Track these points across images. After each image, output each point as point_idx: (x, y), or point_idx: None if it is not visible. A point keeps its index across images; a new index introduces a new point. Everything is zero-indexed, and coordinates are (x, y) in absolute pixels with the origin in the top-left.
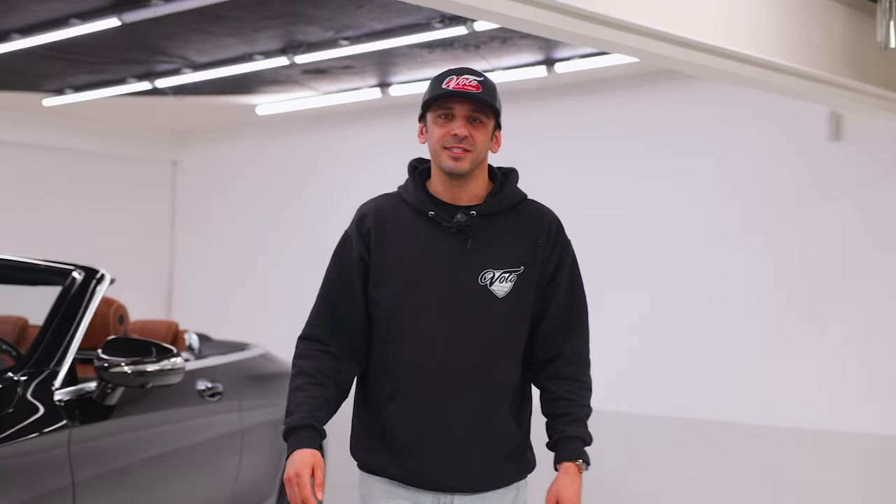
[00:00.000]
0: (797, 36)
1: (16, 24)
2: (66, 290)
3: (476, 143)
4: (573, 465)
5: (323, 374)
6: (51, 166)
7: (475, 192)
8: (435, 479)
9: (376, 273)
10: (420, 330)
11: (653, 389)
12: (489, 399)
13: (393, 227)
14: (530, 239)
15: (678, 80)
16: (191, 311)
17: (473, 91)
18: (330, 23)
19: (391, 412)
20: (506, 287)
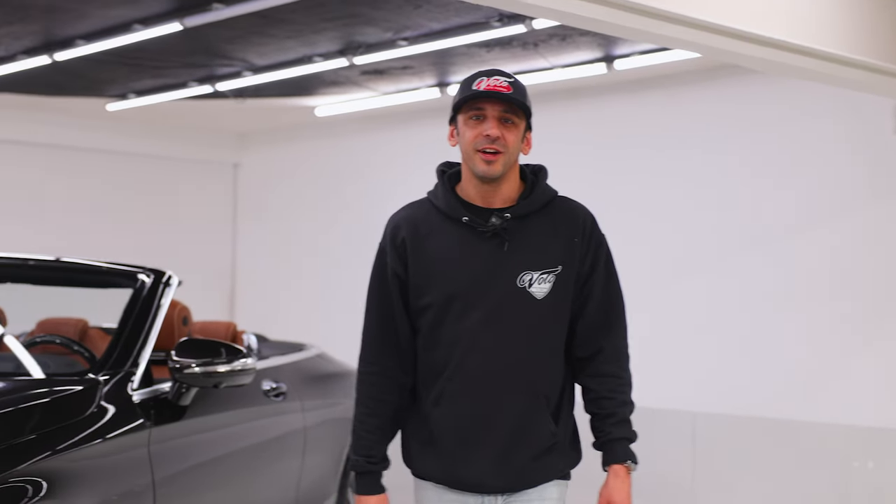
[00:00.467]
0: (862, 27)
1: (80, 31)
2: (137, 293)
3: (508, 144)
4: (622, 468)
5: (377, 400)
6: (114, 170)
7: (507, 195)
8: (476, 482)
9: (417, 286)
10: (462, 336)
11: (715, 387)
12: (532, 400)
13: (427, 235)
14: (566, 237)
15: (740, 76)
16: (253, 311)
17: (505, 91)
18: (388, 23)
19: (436, 417)
20: (545, 288)
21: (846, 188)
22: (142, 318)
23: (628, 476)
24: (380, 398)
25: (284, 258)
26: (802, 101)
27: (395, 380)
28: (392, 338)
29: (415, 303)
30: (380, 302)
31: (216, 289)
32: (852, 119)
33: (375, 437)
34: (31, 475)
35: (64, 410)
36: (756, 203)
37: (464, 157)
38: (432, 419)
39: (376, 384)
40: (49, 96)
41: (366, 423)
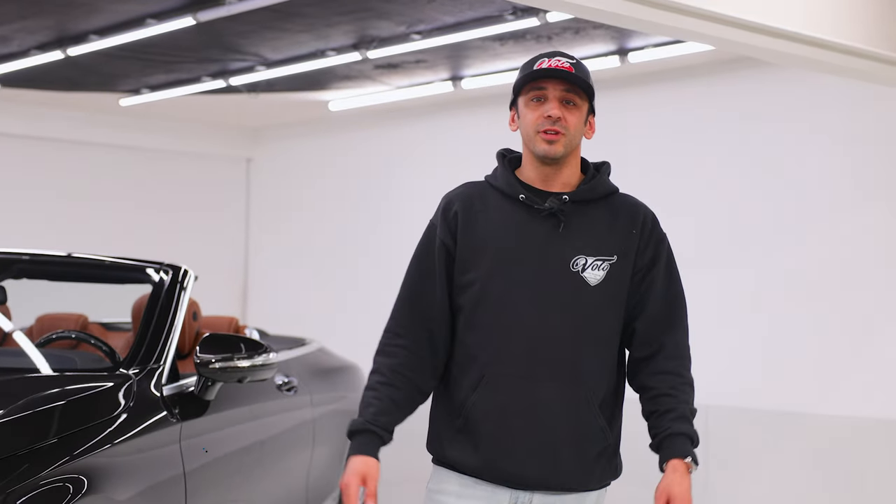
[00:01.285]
0: (875, 19)
1: (93, 26)
2: (157, 289)
3: (570, 125)
4: (682, 463)
5: (397, 372)
6: (127, 165)
7: (567, 180)
8: (516, 473)
9: (462, 259)
10: (507, 316)
11: (727, 380)
12: (577, 391)
13: (481, 210)
14: (624, 229)
15: (753, 68)
16: (266, 306)
17: (566, 71)
18: (402, 17)
19: (474, 401)
20: (599, 275)
21: (861, 180)
22: (164, 314)
23: (688, 474)
24: (400, 371)
25: (297, 253)
26: (816, 92)
27: (421, 358)
28: (426, 314)
29: (459, 278)
30: (421, 276)
31: (228, 284)
32: (867, 110)
33: (385, 406)
34: (73, 472)
35: (101, 406)
36: (770, 195)
37: (524, 139)
38: (469, 405)
39: (399, 356)
40: (62, 91)
41: (378, 391)
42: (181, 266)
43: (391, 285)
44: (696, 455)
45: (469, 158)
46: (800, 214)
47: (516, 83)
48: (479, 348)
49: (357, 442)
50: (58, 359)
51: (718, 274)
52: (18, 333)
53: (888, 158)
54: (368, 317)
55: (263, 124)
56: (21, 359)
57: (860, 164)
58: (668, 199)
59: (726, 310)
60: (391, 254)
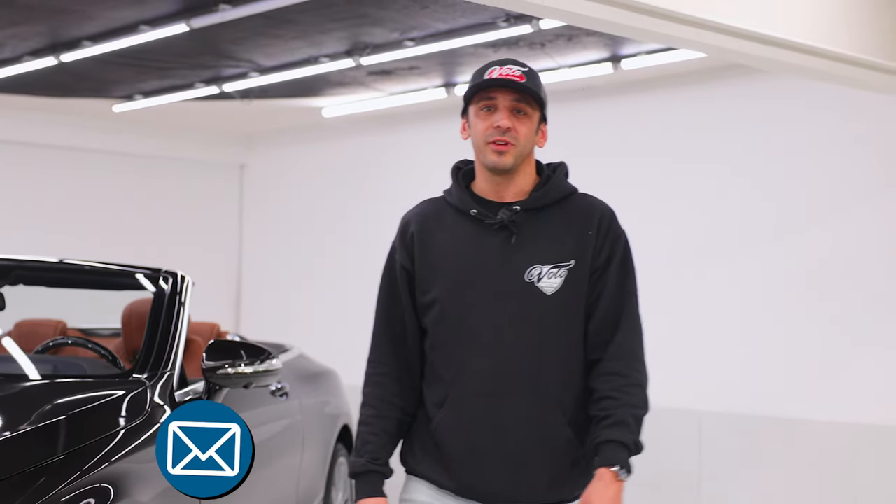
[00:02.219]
0: (867, 27)
1: (86, 32)
2: (160, 294)
3: (520, 135)
4: (608, 472)
5: (386, 402)
6: (121, 171)
7: (521, 188)
8: (487, 491)
9: (422, 280)
10: (467, 334)
11: (720, 386)
12: (542, 403)
13: (436, 230)
14: (580, 231)
15: (746, 75)
16: (259, 313)
17: (517, 80)
18: (395, 24)
19: (440, 421)
20: (555, 283)
21: (853, 186)
22: (169, 320)
23: (615, 482)
24: (388, 399)
25: (291, 259)
26: (809, 99)
27: (403, 382)
28: (401, 338)
29: (421, 298)
30: (389, 301)
31: (222, 290)
32: (860, 117)
33: (381, 441)
34: (102, 480)
35: (125, 412)
36: (760, 204)
37: (475, 149)
38: (435, 425)
39: (384, 385)
40: (55, 97)
41: (372, 425)
42: (177, 272)
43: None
44: (628, 462)
45: None
46: (793, 221)
47: (466, 92)
48: (442, 368)
49: (364, 484)
50: (68, 365)
51: (711, 280)
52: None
53: (881, 166)
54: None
55: (257, 131)
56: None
57: (853, 171)
58: (662, 206)
59: (717, 316)
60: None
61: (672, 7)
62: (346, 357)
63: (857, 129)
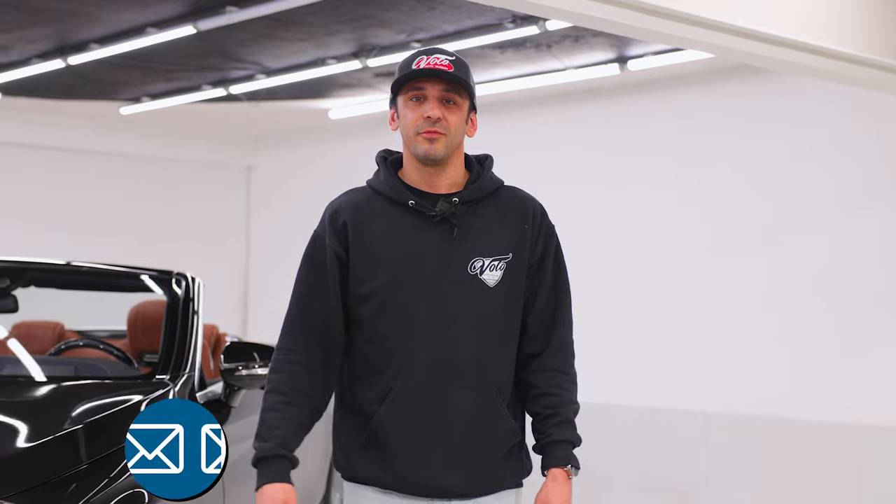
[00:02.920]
0: (875, 27)
1: (94, 35)
2: (174, 297)
3: (450, 125)
4: (562, 472)
5: (297, 391)
6: (128, 173)
7: (454, 179)
8: (432, 485)
9: (357, 270)
10: (410, 326)
11: (727, 387)
12: (485, 395)
13: (370, 220)
14: (516, 224)
15: (753, 75)
16: (267, 314)
17: (445, 70)
18: (402, 25)
19: (381, 416)
20: (496, 275)
21: (861, 186)
22: (186, 322)
23: (568, 481)
24: (300, 389)
25: (298, 260)
26: (816, 99)
27: (316, 376)
28: (319, 330)
29: (355, 290)
30: (310, 290)
31: (229, 292)
32: (867, 117)
33: (291, 428)
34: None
35: None
36: (767, 204)
37: (405, 140)
38: (376, 420)
39: (297, 374)
40: (63, 100)
41: (282, 411)
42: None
43: None
44: (576, 460)
45: None
46: (800, 220)
47: (394, 82)
48: (383, 361)
49: (269, 469)
50: (89, 367)
51: (717, 282)
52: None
53: (889, 165)
54: None
55: (264, 132)
56: (52, 367)
57: (861, 171)
58: (668, 207)
59: (724, 318)
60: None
61: (679, 7)
62: None
63: (864, 131)
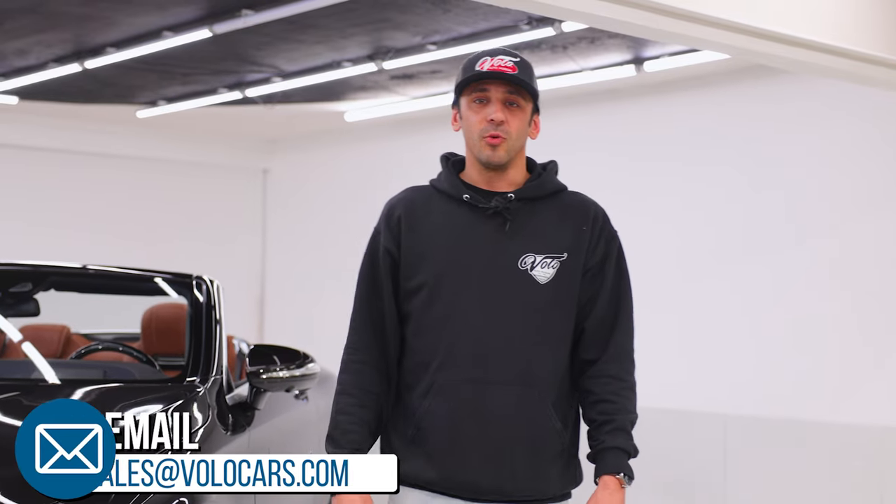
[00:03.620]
0: (890, 26)
1: (110, 39)
2: (197, 300)
3: (512, 129)
4: (613, 479)
5: (366, 391)
6: (144, 176)
7: (513, 180)
8: (470, 481)
9: (409, 264)
10: (456, 319)
11: (746, 390)
12: (530, 392)
13: (424, 214)
14: (574, 226)
15: (769, 76)
16: (283, 317)
17: (509, 72)
18: (417, 28)
19: (425, 410)
20: (548, 273)
21: (875, 187)
22: (210, 325)
23: (620, 490)
24: (368, 388)
25: (314, 264)
26: (832, 100)
27: (383, 372)
28: (380, 326)
29: (406, 283)
30: (370, 287)
31: (245, 294)
32: (884, 117)
33: (364, 433)
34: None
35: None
36: (785, 203)
37: (467, 142)
38: (420, 413)
39: (365, 373)
40: (80, 104)
41: (353, 414)
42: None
43: None
44: (630, 469)
45: None
46: (817, 220)
47: (457, 83)
48: (428, 354)
49: None
50: (117, 370)
51: (735, 281)
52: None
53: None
54: None
55: (280, 135)
56: (80, 371)
57: (877, 171)
58: (685, 207)
59: (742, 319)
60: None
61: (694, 8)
62: None
63: (881, 130)
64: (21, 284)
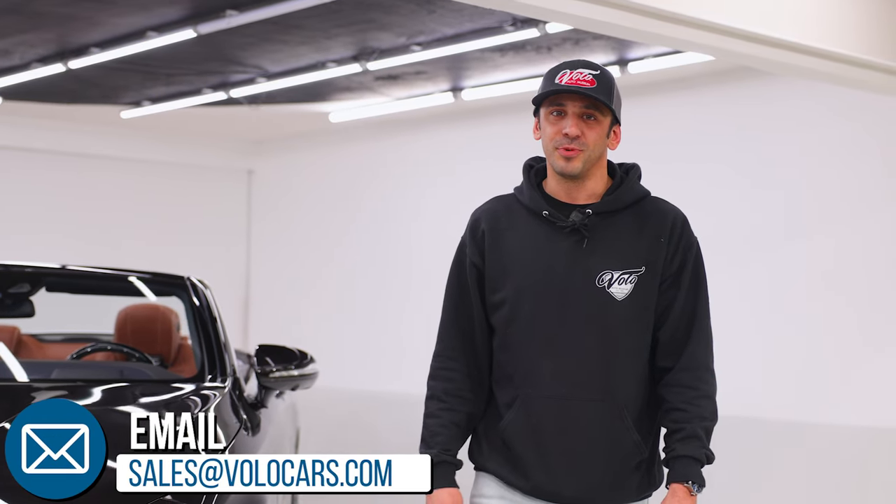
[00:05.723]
0: (873, 29)
1: (94, 39)
2: (193, 301)
3: (588, 142)
4: (682, 487)
5: (455, 396)
6: (129, 177)
7: (593, 191)
8: (553, 491)
9: (492, 279)
10: (536, 336)
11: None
12: (610, 407)
13: (507, 229)
14: (652, 237)
15: (752, 78)
16: (268, 318)
17: (586, 87)
18: (402, 29)
19: (508, 421)
20: (626, 289)
21: (860, 188)
22: (214, 325)
23: (689, 497)
24: (457, 394)
25: (299, 264)
26: (815, 101)
27: (473, 378)
28: (469, 334)
29: (490, 298)
30: (458, 296)
31: (230, 296)
32: (866, 119)
33: (452, 433)
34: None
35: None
36: (768, 205)
37: (545, 152)
38: (504, 425)
39: (454, 380)
40: (64, 104)
41: (441, 417)
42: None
43: (392, 295)
44: (701, 476)
45: (469, 169)
46: (801, 222)
47: (537, 96)
48: (511, 368)
49: (435, 475)
50: (133, 371)
51: (720, 284)
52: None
53: (887, 166)
54: (370, 327)
55: (264, 136)
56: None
57: (861, 172)
58: None
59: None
60: (392, 263)
61: (679, 10)
62: (355, 361)
63: (864, 132)
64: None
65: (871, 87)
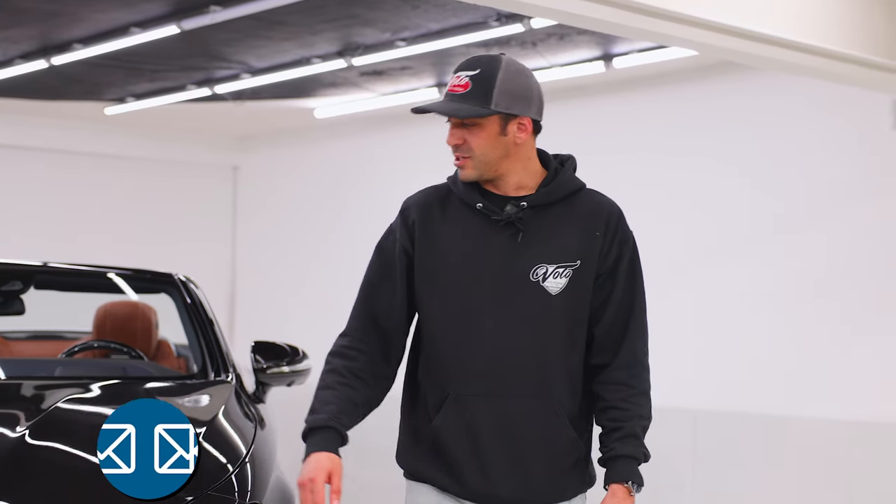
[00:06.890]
0: (858, 23)
1: (77, 35)
2: (184, 299)
3: (473, 147)
4: (622, 488)
5: (355, 374)
6: (113, 174)
7: (519, 184)
8: (489, 493)
9: (422, 270)
10: (469, 331)
11: (714, 384)
12: (545, 404)
13: (439, 220)
14: (587, 231)
15: (738, 73)
16: (254, 314)
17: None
18: (386, 24)
19: (441, 420)
20: (560, 283)
21: (845, 184)
22: (210, 322)
23: (629, 497)
24: (359, 374)
25: (284, 261)
26: (800, 96)
27: (377, 366)
28: (383, 320)
29: (419, 289)
30: (378, 280)
31: (216, 293)
32: (851, 114)
33: (345, 407)
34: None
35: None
36: (753, 201)
37: None
38: (435, 424)
39: (358, 360)
40: (47, 100)
41: (337, 390)
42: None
43: None
44: (639, 476)
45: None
46: (786, 218)
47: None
48: (442, 365)
49: (318, 438)
50: (135, 368)
51: (704, 277)
52: None
53: (872, 162)
54: None
55: (249, 132)
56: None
57: (845, 168)
58: (654, 205)
59: (711, 314)
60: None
61: (663, 5)
62: None
63: (848, 126)
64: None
65: (854, 82)
